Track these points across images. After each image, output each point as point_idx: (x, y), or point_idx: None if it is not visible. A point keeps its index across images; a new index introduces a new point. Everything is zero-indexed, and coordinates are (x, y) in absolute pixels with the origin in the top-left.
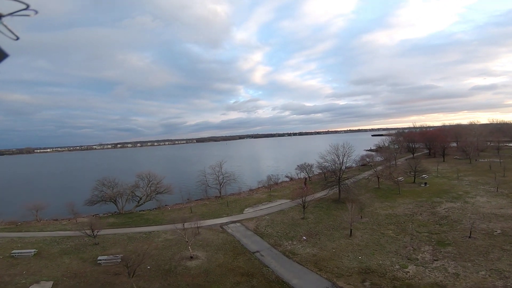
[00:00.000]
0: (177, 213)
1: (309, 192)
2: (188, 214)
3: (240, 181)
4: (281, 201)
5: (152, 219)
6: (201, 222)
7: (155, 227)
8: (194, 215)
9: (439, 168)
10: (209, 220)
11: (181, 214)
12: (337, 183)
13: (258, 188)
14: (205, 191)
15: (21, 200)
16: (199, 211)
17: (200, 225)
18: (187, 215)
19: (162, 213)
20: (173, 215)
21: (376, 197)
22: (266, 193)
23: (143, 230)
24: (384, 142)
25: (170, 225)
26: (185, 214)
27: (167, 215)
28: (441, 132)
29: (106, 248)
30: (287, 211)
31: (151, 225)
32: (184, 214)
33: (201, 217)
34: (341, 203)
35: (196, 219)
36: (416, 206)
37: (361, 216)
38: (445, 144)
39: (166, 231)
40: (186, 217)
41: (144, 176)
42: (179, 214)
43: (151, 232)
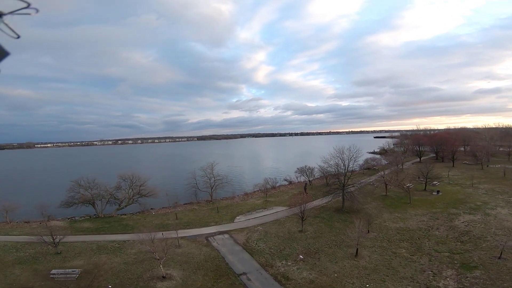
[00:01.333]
0: (161, 219)
1: (309, 199)
2: (172, 220)
3: (235, 184)
4: (277, 208)
5: (132, 225)
6: (184, 231)
7: (133, 235)
8: (179, 222)
9: (450, 174)
10: (194, 229)
11: (165, 221)
12: (341, 190)
13: (253, 192)
14: (195, 194)
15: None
16: (185, 218)
17: (183, 235)
18: (170, 222)
19: (144, 218)
20: (156, 221)
21: (384, 207)
22: (262, 198)
23: (118, 238)
24: (389, 145)
25: (150, 233)
26: (169, 220)
27: (150, 221)
28: (450, 135)
29: (67, 259)
30: (283, 221)
31: (128, 232)
32: (167, 221)
33: (186, 225)
34: (345, 213)
35: (177, 228)
36: (431, 218)
37: (368, 230)
38: (455, 148)
39: (143, 241)
40: (170, 225)
41: (127, 177)
42: (163, 220)
43: (125, 241)
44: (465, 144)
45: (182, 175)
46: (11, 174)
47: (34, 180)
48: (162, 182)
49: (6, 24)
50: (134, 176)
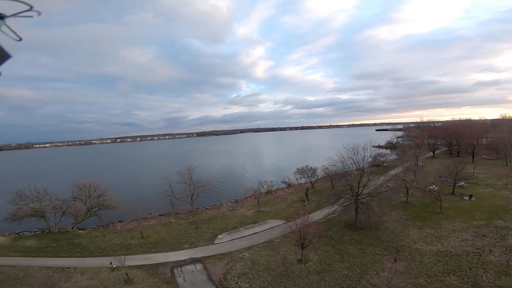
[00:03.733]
0: (124, 237)
1: (312, 209)
2: (137, 239)
3: (224, 188)
4: (271, 222)
5: (84, 246)
6: (146, 257)
7: (79, 259)
8: (144, 242)
9: (474, 172)
10: (161, 253)
11: (128, 239)
12: (354, 202)
13: (245, 198)
14: (171, 204)
15: None
16: (155, 236)
17: (143, 262)
18: (134, 242)
19: (104, 235)
20: (117, 239)
21: (409, 219)
22: (254, 207)
23: (59, 263)
24: (396, 138)
25: (102, 257)
26: (133, 239)
27: (109, 239)
28: (467, 127)
29: None
30: (277, 243)
31: (75, 256)
32: (131, 240)
33: (152, 246)
34: (359, 230)
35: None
36: (476, 235)
37: (395, 259)
38: (475, 142)
39: (88, 269)
40: (132, 246)
41: (84, 187)
42: (126, 238)
43: (65, 269)
44: (482, 137)
45: (164, 178)
46: None
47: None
48: (140, 188)
49: (8, 27)
50: (91, 185)
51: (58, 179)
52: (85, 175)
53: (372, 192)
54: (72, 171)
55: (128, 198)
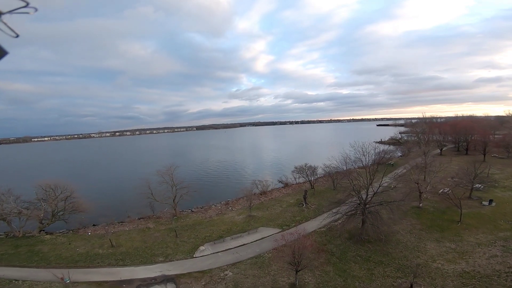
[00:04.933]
0: (92, 245)
1: (311, 215)
2: (105, 249)
3: (216, 187)
4: (263, 231)
5: (44, 254)
6: (110, 271)
7: (32, 271)
8: (112, 252)
9: (489, 173)
10: (128, 267)
11: (95, 248)
12: (361, 212)
13: (237, 199)
14: (151, 206)
15: None
16: (127, 245)
17: (105, 278)
18: (102, 252)
19: (70, 241)
20: (82, 247)
21: (424, 229)
22: (245, 210)
23: (10, 274)
24: (400, 134)
25: (60, 269)
26: (102, 248)
27: (74, 247)
28: (477, 123)
29: None
30: (267, 260)
31: (31, 265)
32: (99, 249)
33: (120, 258)
34: (366, 244)
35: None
36: (505, 250)
37: (411, 284)
38: (487, 139)
39: (38, 283)
40: (98, 256)
41: (49, 188)
42: (94, 247)
43: (12, 281)
44: (492, 134)
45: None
46: None
47: None
48: (124, 186)
49: (5, 23)
50: (58, 186)
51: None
52: (67, 172)
53: (382, 200)
54: (55, 167)
55: (105, 199)
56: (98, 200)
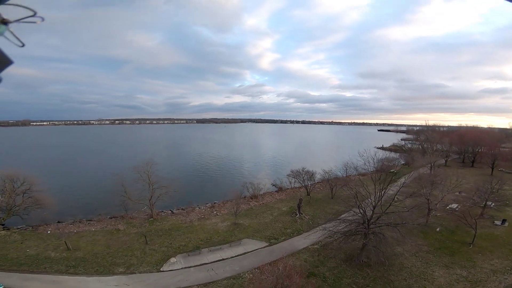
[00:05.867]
0: (46, 245)
1: (304, 227)
2: (60, 252)
3: (204, 186)
4: (248, 243)
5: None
6: (58, 280)
7: None
8: (67, 257)
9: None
10: (79, 276)
11: (48, 250)
12: (363, 232)
13: (224, 202)
14: (124, 205)
15: None
16: (86, 248)
17: None
18: (55, 255)
19: (23, 241)
20: (34, 249)
21: (431, 251)
22: (231, 216)
23: None
24: (402, 141)
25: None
26: (56, 251)
27: (26, 246)
28: (486, 134)
29: None
30: (246, 284)
31: None
32: (52, 251)
33: (73, 265)
34: (364, 268)
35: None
36: None
37: None
38: (497, 151)
39: None
40: (48, 260)
41: (7, 178)
42: (47, 248)
43: None
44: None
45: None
46: None
47: None
48: (105, 178)
49: (11, 32)
50: (18, 177)
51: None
52: (44, 160)
53: (391, 220)
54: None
55: (77, 193)
56: (70, 194)
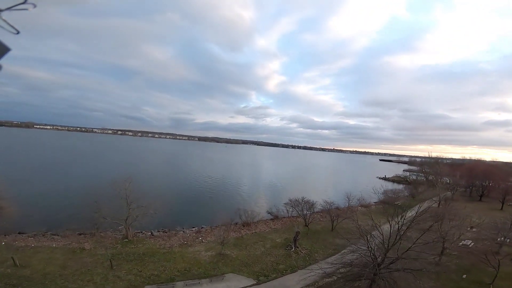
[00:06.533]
0: None
1: (300, 263)
2: (4, 267)
3: (192, 208)
4: (232, 279)
5: None
6: None
7: None
8: (11, 273)
9: None
10: None
11: None
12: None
13: (212, 228)
14: (98, 222)
15: None
16: (38, 267)
17: None
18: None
19: None
20: None
21: None
22: (217, 245)
23: None
24: (406, 172)
25: None
26: (1, 266)
27: None
28: (496, 168)
29: None
30: None
31: None
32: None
33: (13, 284)
34: None
35: None
36: None
37: None
38: (508, 185)
39: None
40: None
41: None
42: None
43: None
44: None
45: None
46: None
47: None
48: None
49: (4, 20)
50: None
51: None
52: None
53: (405, 266)
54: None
55: (50, 204)
56: (41, 203)
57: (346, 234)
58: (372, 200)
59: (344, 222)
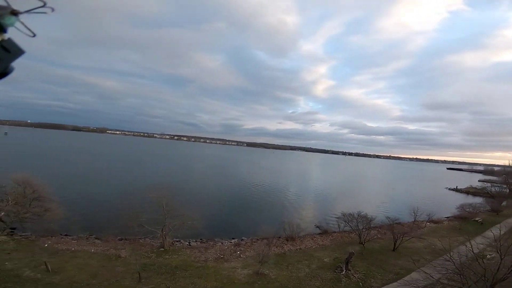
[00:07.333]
0: (30, 261)
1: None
2: (38, 271)
3: (233, 218)
4: None
5: None
6: None
7: None
8: (41, 278)
9: None
10: None
11: (30, 266)
12: None
13: (253, 241)
14: (140, 228)
15: None
16: (69, 273)
17: None
18: (30, 274)
19: (11, 251)
20: (15, 262)
21: None
22: (255, 262)
23: None
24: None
25: None
26: (34, 271)
27: (10, 258)
28: None
29: None
30: None
31: None
32: (29, 270)
33: None
34: None
35: None
36: None
37: None
38: None
39: None
40: (19, 279)
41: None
42: (31, 264)
43: None
44: None
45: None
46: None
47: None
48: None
49: (22, 23)
50: (29, 183)
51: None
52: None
53: None
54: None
55: (101, 207)
56: (89, 205)
57: (412, 255)
58: (442, 214)
59: (410, 241)
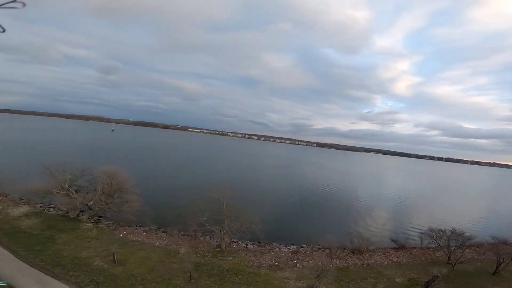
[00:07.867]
0: (104, 249)
1: None
2: (107, 262)
3: (296, 222)
4: None
5: (58, 247)
6: None
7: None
8: (109, 268)
9: None
10: None
11: (101, 256)
12: None
13: (314, 249)
14: (200, 225)
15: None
16: (131, 266)
17: None
18: (99, 264)
19: (91, 239)
20: (90, 250)
21: None
22: (311, 275)
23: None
24: None
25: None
26: (103, 260)
27: (88, 246)
28: None
29: None
30: None
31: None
32: (99, 260)
33: (98, 282)
34: None
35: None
36: None
37: None
38: None
39: None
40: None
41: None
42: (105, 253)
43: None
44: None
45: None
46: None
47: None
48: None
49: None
50: (115, 175)
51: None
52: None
53: None
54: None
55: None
56: (162, 200)
57: None
58: None
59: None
